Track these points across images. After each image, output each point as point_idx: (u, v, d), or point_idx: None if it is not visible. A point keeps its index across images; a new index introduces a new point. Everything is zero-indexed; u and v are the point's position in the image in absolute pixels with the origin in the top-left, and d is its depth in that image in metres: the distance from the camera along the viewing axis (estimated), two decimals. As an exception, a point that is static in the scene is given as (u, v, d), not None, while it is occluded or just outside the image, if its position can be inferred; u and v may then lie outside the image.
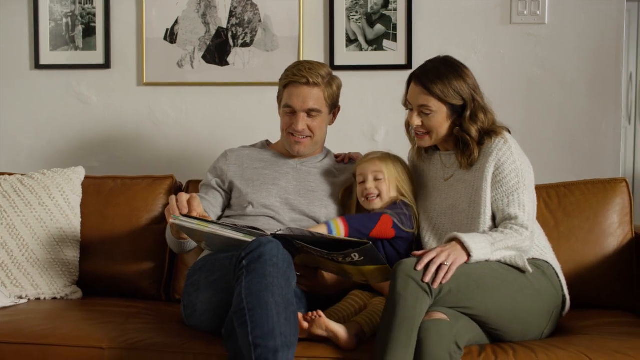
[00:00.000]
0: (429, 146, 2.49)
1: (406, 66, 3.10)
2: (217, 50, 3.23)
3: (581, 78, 3.10)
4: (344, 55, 3.17)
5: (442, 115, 2.38)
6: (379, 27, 3.15)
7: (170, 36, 3.24)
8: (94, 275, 2.79)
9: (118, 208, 2.85)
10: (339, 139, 2.86)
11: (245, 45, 3.21)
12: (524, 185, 2.31)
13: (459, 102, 2.37)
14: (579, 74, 3.10)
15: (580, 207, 2.69)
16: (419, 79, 2.39)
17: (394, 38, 3.14)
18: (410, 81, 2.44)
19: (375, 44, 3.16)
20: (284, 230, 2.20)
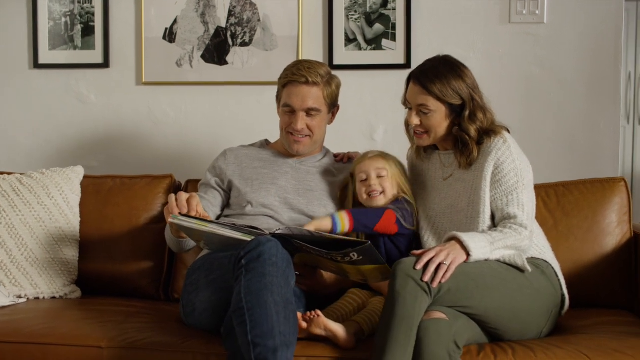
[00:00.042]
0: (428, 145, 2.49)
1: (405, 65, 3.10)
2: (216, 50, 3.23)
3: (580, 77, 3.10)
4: (342, 54, 3.17)
5: (441, 115, 2.38)
6: (378, 27, 3.15)
7: (169, 35, 3.24)
8: (93, 274, 2.79)
9: (117, 207, 2.85)
10: (337, 138, 2.86)
11: (244, 44, 3.21)
12: (523, 184, 2.31)
13: (458, 102, 2.36)
14: (577, 74, 3.10)
15: (579, 207, 2.69)
16: (417, 79, 2.39)
17: (392, 37, 3.14)
18: (409, 80, 2.43)
19: (374, 43, 3.16)
20: (283, 230, 2.19)
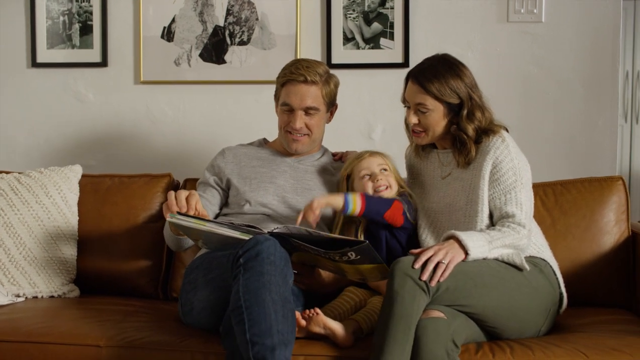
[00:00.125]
0: (427, 144, 2.49)
1: (403, 64, 3.10)
2: (214, 49, 3.23)
3: (578, 76, 3.11)
4: (341, 53, 3.17)
5: (439, 114, 2.38)
6: (376, 26, 3.15)
7: (168, 34, 3.24)
8: (91, 273, 2.79)
9: (115, 206, 2.85)
10: (336, 137, 2.86)
11: (242, 43, 3.21)
12: (521, 183, 2.31)
13: (456, 101, 2.37)
14: (575, 73, 3.11)
15: (576, 205, 2.69)
16: (415, 78, 2.39)
17: (391, 36, 3.14)
18: (407, 79, 2.44)
19: (372, 42, 3.16)
20: (281, 229, 2.19)
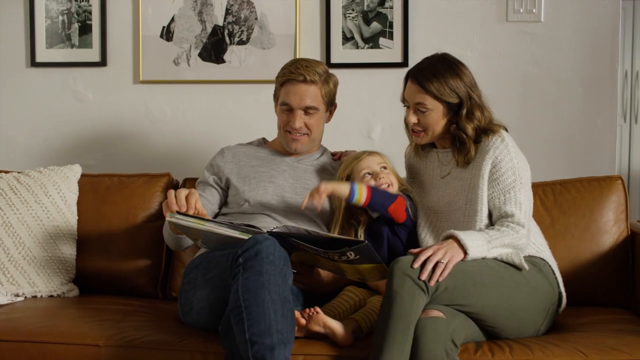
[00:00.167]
0: (426, 143, 2.50)
1: (402, 64, 3.10)
2: (214, 48, 3.22)
3: (577, 76, 3.11)
4: (340, 53, 3.17)
5: (438, 113, 2.38)
6: (375, 25, 3.15)
7: (167, 34, 3.24)
8: (90, 273, 2.79)
9: (115, 206, 2.85)
10: (335, 136, 2.86)
11: (241, 43, 3.21)
12: (520, 183, 2.31)
13: (455, 100, 2.37)
14: (574, 72, 3.11)
15: (576, 205, 2.70)
16: (415, 77, 2.39)
17: (390, 36, 3.14)
18: (407, 79, 2.44)
19: (371, 41, 3.16)
20: (280, 228, 2.20)
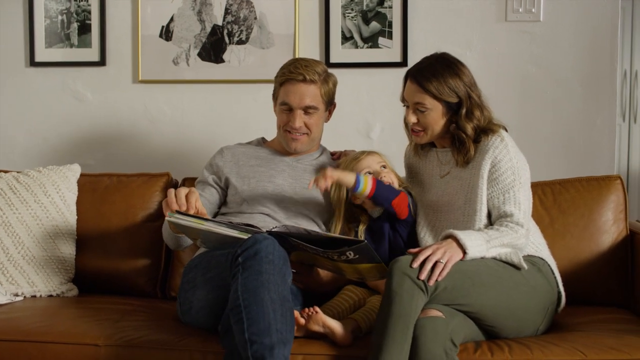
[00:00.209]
0: (426, 143, 2.50)
1: (401, 64, 3.10)
2: (213, 48, 3.22)
3: (576, 75, 3.11)
4: (339, 52, 3.17)
5: (438, 113, 2.38)
6: (375, 25, 3.15)
7: (166, 33, 3.24)
8: (90, 272, 2.79)
9: (114, 205, 2.85)
10: (334, 136, 2.86)
11: (240, 42, 3.21)
12: (519, 183, 2.31)
13: (455, 100, 2.37)
14: (573, 72, 3.11)
15: (575, 204, 2.70)
16: (414, 77, 2.39)
17: (389, 35, 3.14)
18: (406, 78, 2.43)
19: (370, 41, 3.16)
20: (280, 228, 2.20)
